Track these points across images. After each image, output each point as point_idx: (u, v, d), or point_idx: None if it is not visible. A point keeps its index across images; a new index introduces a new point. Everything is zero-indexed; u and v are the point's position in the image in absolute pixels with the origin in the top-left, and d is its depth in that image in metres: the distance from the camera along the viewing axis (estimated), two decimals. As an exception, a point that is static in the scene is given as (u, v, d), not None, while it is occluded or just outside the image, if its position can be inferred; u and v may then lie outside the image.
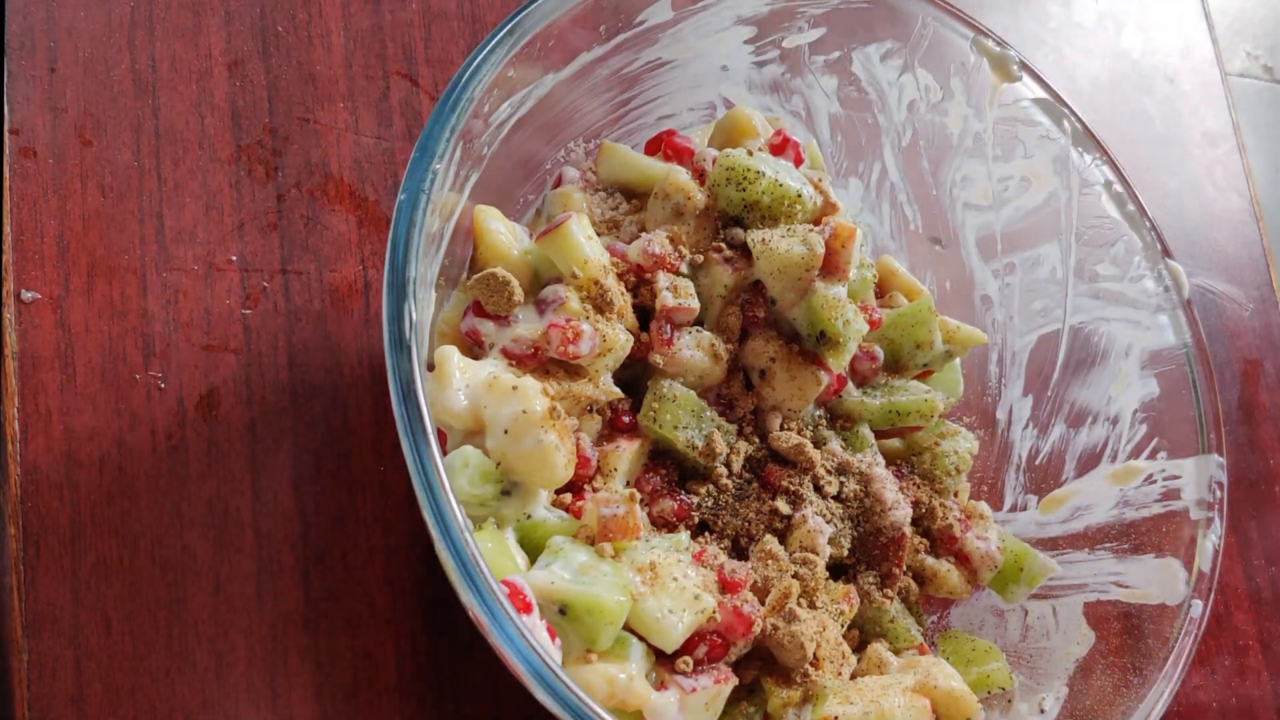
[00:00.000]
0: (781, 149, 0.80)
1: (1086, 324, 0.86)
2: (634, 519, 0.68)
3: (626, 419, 0.74)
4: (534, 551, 0.67)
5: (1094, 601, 0.80)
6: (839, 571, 0.78)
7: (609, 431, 0.74)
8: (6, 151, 0.76)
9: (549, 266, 0.71)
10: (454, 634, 0.76)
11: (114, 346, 0.74)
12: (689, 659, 0.67)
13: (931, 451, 0.83)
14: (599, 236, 0.74)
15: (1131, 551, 0.80)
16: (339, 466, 0.76)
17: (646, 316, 0.74)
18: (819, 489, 0.77)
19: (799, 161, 0.81)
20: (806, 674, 0.70)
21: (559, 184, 0.80)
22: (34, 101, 0.77)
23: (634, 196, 0.80)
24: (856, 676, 0.74)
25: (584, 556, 0.65)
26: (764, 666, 0.72)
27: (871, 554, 0.78)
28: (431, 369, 0.66)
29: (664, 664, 0.67)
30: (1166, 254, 0.83)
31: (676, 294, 0.73)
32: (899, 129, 0.88)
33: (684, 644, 0.67)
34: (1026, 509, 0.87)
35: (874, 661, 0.75)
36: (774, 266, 0.74)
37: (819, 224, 0.77)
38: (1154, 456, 0.81)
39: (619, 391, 0.73)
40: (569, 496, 0.70)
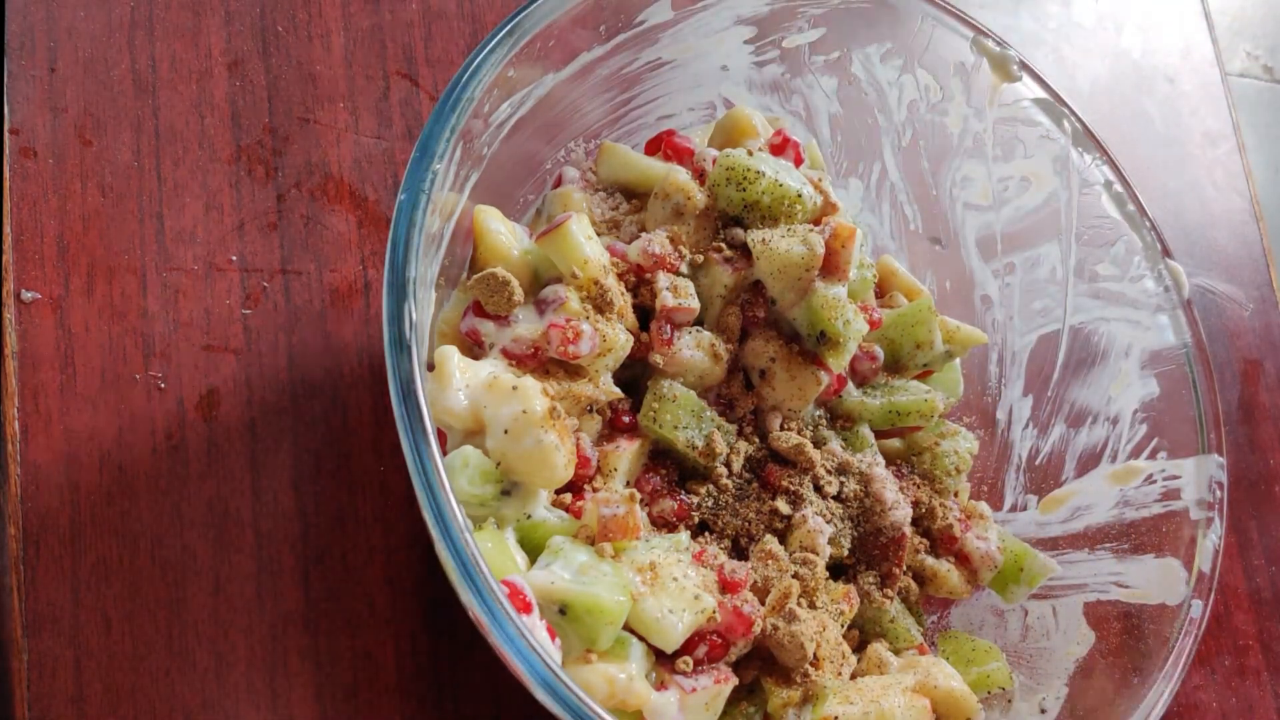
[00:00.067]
0: (781, 149, 0.80)
1: (1086, 324, 0.86)
2: (634, 519, 0.68)
3: (626, 419, 0.74)
4: (534, 551, 0.67)
5: (1094, 601, 0.80)
6: (839, 571, 0.78)
7: (609, 431, 0.74)
8: (6, 151, 0.76)
9: (549, 266, 0.71)
10: (454, 634, 0.76)
11: (114, 346, 0.74)
12: (689, 659, 0.67)
13: (931, 451, 0.83)
14: (599, 236, 0.74)
15: (1131, 551, 0.80)
16: (339, 466, 0.76)
17: (646, 316, 0.74)
18: (819, 489, 0.77)
19: (799, 161, 0.81)
20: (806, 674, 0.70)
21: (559, 184, 0.80)
22: (34, 101, 0.77)
23: (634, 196, 0.80)
24: (856, 676, 0.74)
25: (584, 556, 0.65)
26: (764, 666, 0.72)
27: (871, 554, 0.78)
28: (431, 369, 0.66)
29: (664, 664, 0.67)
30: (1166, 254, 0.83)
31: (676, 294, 0.73)
32: (899, 129, 0.88)
33: (684, 644, 0.67)
34: (1026, 509, 0.86)
35: (874, 661, 0.75)
36: (774, 266, 0.74)
37: (819, 224, 0.77)
38: (1154, 456, 0.81)
39: (619, 391, 0.73)
40: (569, 496, 0.70)
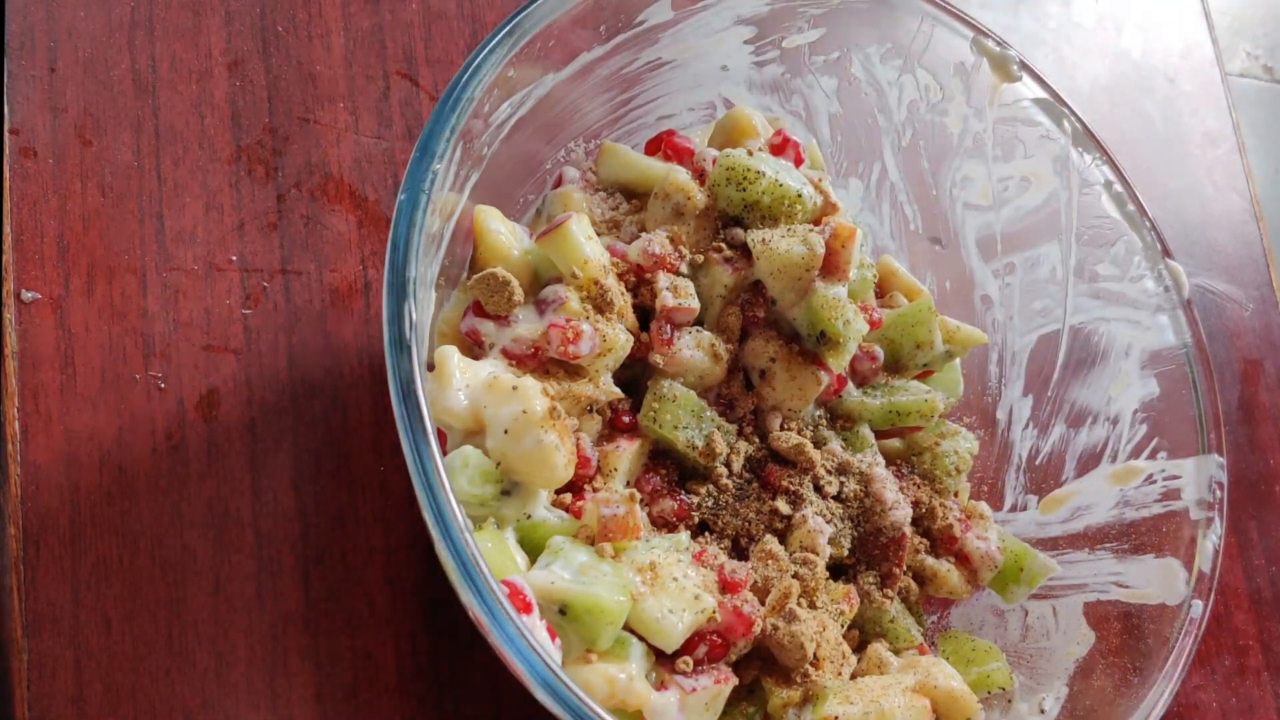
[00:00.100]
0: (781, 149, 0.80)
1: (1086, 324, 0.86)
2: (634, 519, 0.68)
3: (626, 419, 0.74)
4: (534, 551, 0.67)
5: (1094, 601, 0.80)
6: (839, 571, 0.78)
7: (609, 431, 0.74)
8: (6, 151, 0.76)
9: (549, 266, 0.71)
10: (454, 634, 0.75)
11: (114, 346, 0.74)
12: (689, 659, 0.67)
13: (931, 451, 0.83)
14: (599, 236, 0.73)
15: (1131, 551, 0.80)
16: (339, 466, 0.76)
17: (646, 316, 0.74)
18: (819, 489, 0.77)
19: (799, 161, 0.81)
20: (806, 674, 0.70)
21: (559, 184, 0.80)
22: (34, 101, 0.77)
23: (634, 196, 0.80)
24: (856, 676, 0.74)
25: (584, 556, 0.65)
26: (764, 666, 0.72)
27: (871, 554, 0.78)
28: (431, 369, 0.66)
29: (664, 664, 0.67)
30: (1166, 254, 0.83)
31: (676, 294, 0.73)
32: (899, 129, 0.88)
33: (684, 644, 0.67)
34: (1026, 509, 0.86)
35: (874, 661, 0.75)
36: (774, 266, 0.74)
37: (819, 224, 0.77)
38: (1154, 456, 0.81)
39: (619, 391, 0.73)
40: (569, 496, 0.70)
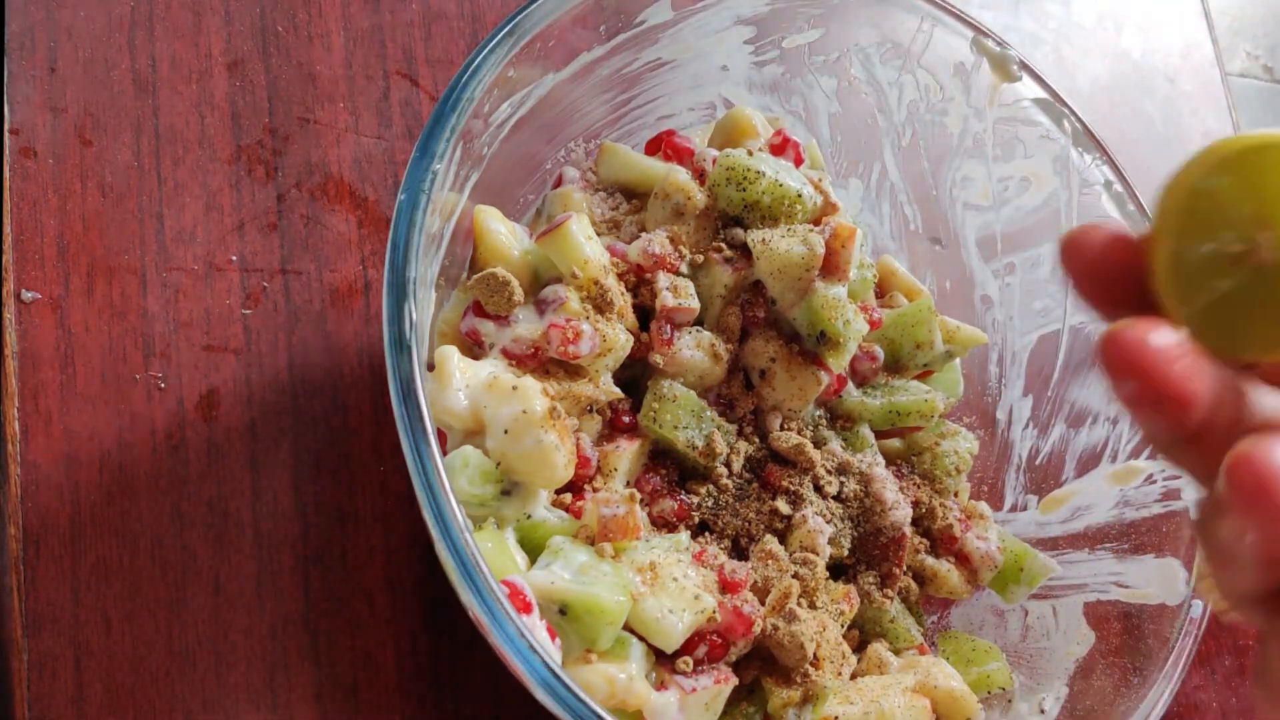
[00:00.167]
0: (781, 149, 0.80)
1: (1087, 324, 0.86)
2: (634, 519, 0.68)
3: (626, 419, 0.74)
4: (534, 551, 0.67)
5: (1094, 601, 0.80)
6: (839, 571, 0.78)
7: (609, 431, 0.74)
8: (6, 151, 0.76)
9: (549, 266, 0.71)
10: (454, 634, 0.75)
11: (114, 346, 0.74)
12: (689, 659, 0.67)
13: (931, 451, 0.83)
14: (599, 236, 0.73)
15: (1131, 551, 0.80)
16: (339, 466, 0.76)
17: (646, 316, 0.74)
18: (819, 489, 0.77)
19: (799, 161, 0.81)
20: (806, 674, 0.70)
21: (559, 184, 0.80)
22: (34, 101, 0.77)
23: (634, 196, 0.80)
24: (856, 676, 0.74)
25: (584, 556, 0.65)
26: (764, 666, 0.72)
27: (871, 554, 0.78)
28: (431, 369, 0.66)
29: (664, 664, 0.67)
30: (1166, 254, 0.83)
31: (676, 294, 0.73)
32: (899, 129, 0.87)
33: (684, 644, 0.67)
34: (1026, 509, 0.86)
35: (874, 661, 0.75)
36: (774, 266, 0.74)
37: (819, 224, 0.77)
38: (1154, 456, 0.81)
39: (619, 391, 0.73)
40: (569, 496, 0.70)
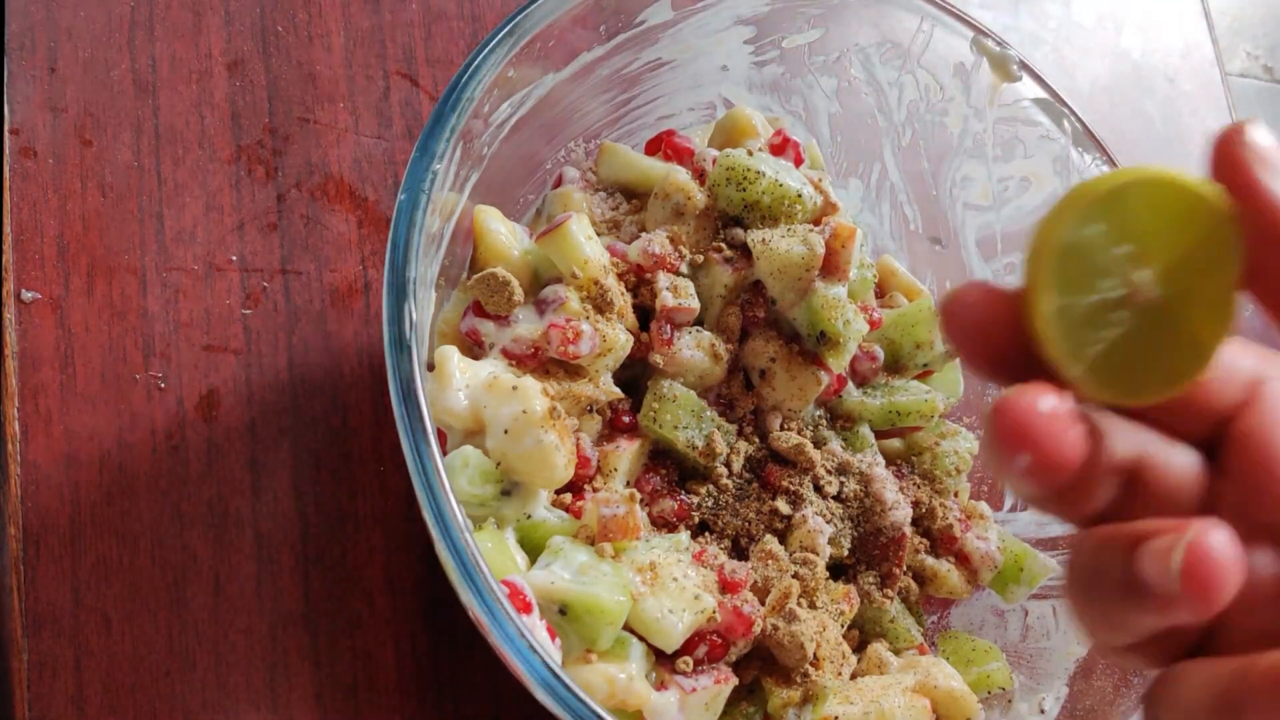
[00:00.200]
0: (781, 149, 0.80)
1: (1086, 324, 0.86)
2: (634, 519, 0.68)
3: (626, 419, 0.74)
4: (534, 551, 0.67)
5: (1094, 601, 0.80)
6: (839, 571, 0.78)
7: (609, 431, 0.74)
8: (6, 151, 0.76)
9: (549, 266, 0.71)
10: (454, 634, 0.75)
11: (114, 346, 0.74)
12: (689, 659, 0.67)
13: (931, 451, 0.83)
14: (599, 236, 0.73)
15: (1131, 551, 0.80)
16: (339, 466, 0.76)
17: (646, 316, 0.74)
18: (819, 489, 0.77)
19: (799, 161, 0.81)
20: (806, 674, 0.70)
21: (559, 184, 0.80)
22: (34, 101, 0.77)
23: (634, 196, 0.80)
24: (856, 676, 0.74)
25: (584, 556, 0.65)
26: (764, 666, 0.72)
27: (871, 554, 0.78)
28: (431, 369, 0.66)
29: (664, 664, 0.67)
30: (1166, 254, 0.83)
31: (676, 294, 0.73)
32: (899, 129, 0.87)
33: (684, 644, 0.67)
34: (1026, 509, 0.86)
35: (874, 661, 0.75)
36: (774, 266, 0.74)
37: (819, 224, 0.77)
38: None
39: (619, 391, 0.73)
40: (569, 496, 0.70)
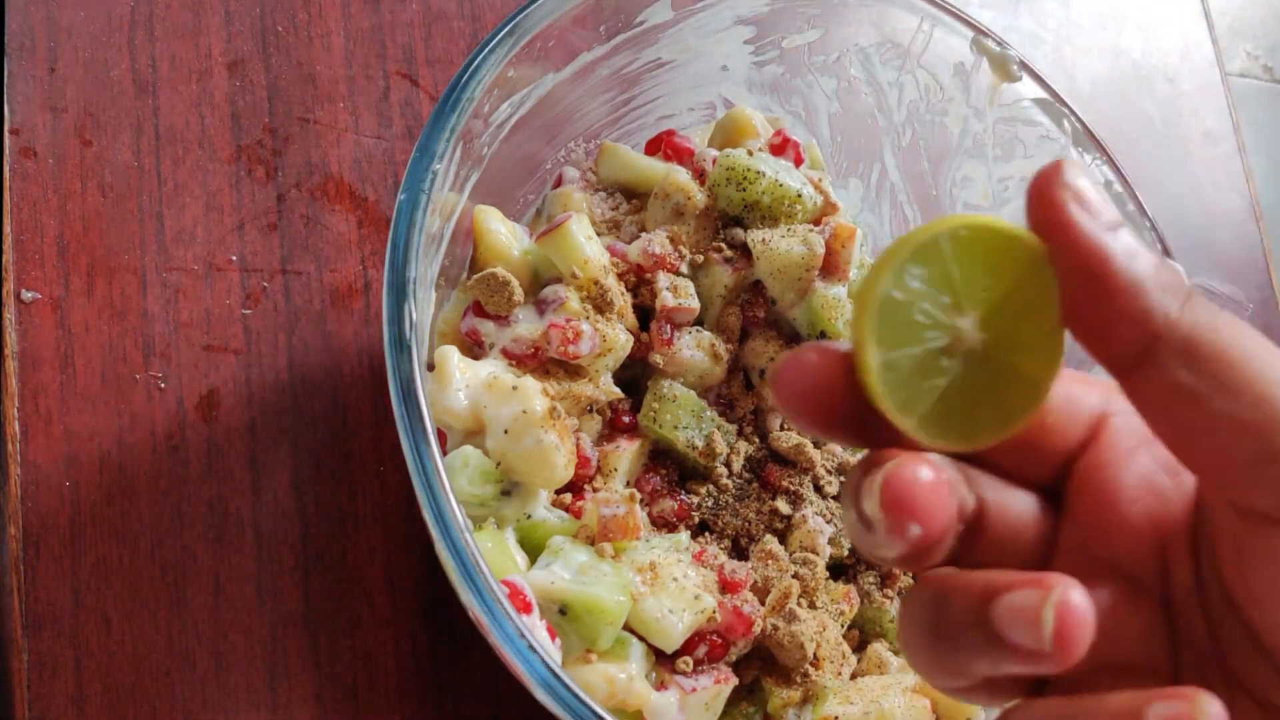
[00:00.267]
0: (781, 149, 0.80)
1: (1086, 324, 0.86)
2: (634, 519, 0.68)
3: (626, 419, 0.74)
4: (534, 551, 0.67)
5: (1094, 601, 0.80)
6: (839, 571, 0.78)
7: (609, 431, 0.74)
8: (6, 151, 0.76)
9: (549, 266, 0.71)
10: (454, 634, 0.75)
11: (114, 346, 0.74)
12: (689, 659, 0.67)
13: (931, 451, 0.83)
14: (599, 236, 0.73)
15: (1131, 551, 0.80)
16: (339, 466, 0.76)
17: (646, 316, 0.74)
18: (819, 489, 0.77)
19: (799, 161, 0.81)
20: (806, 674, 0.70)
21: (559, 184, 0.80)
22: (34, 101, 0.77)
23: (634, 196, 0.80)
24: (856, 676, 0.74)
25: (584, 556, 0.65)
26: (764, 666, 0.72)
27: (871, 554, 0.78)
28: (431, 369, 0.66)
29: (664, 664, 0.67)
30: (1166, 254, 0.83)
31: (676, 294, 0.73)
32: (899, 129, 0.87)
33: (684, 644, 0.67)
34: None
35: (874, 661, 0.75)
36: (774, 266, 0.74)
37: (819, 224, 0.77)
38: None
39: (619, 391, 0.73)
40: (569, 496, 0.70)
